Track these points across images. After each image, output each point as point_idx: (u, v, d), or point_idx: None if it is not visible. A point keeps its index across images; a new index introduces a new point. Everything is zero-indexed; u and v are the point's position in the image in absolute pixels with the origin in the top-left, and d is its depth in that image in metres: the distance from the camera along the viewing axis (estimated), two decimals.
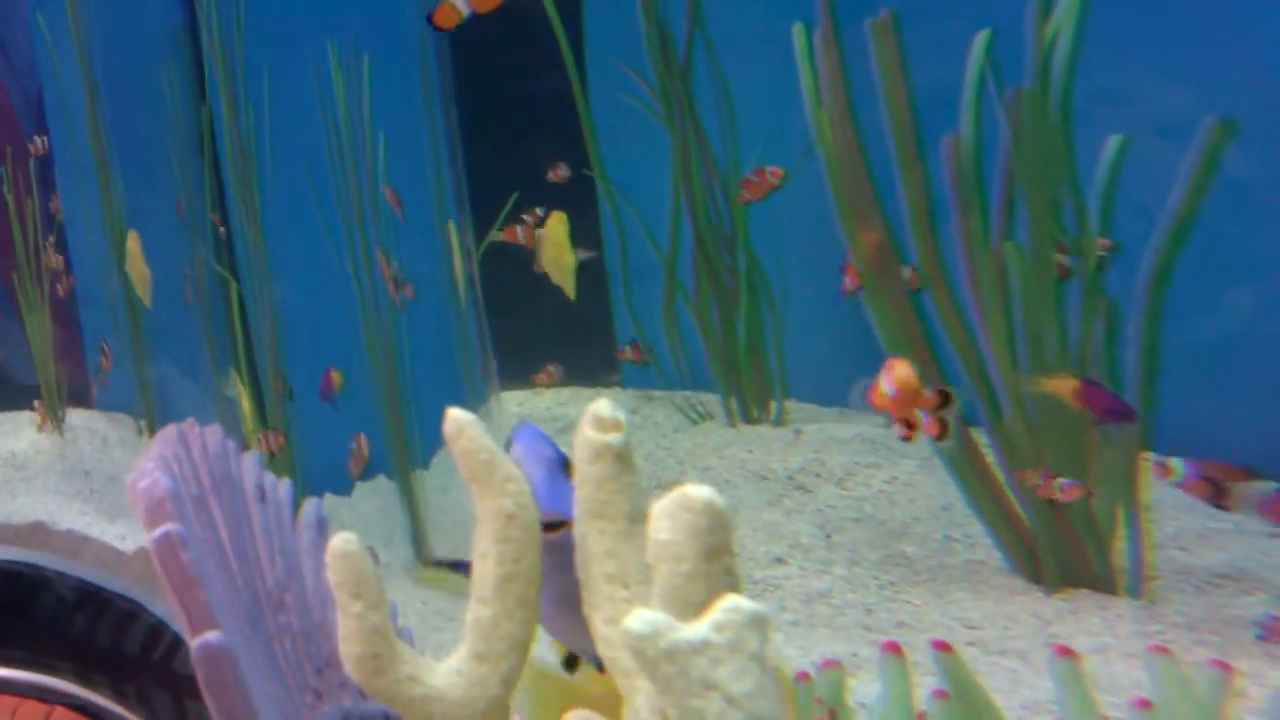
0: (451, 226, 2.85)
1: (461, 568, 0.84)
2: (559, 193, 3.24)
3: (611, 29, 3.33)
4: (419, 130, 2.78)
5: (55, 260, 3.42)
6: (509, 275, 3.31)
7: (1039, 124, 2.04)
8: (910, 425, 1.79)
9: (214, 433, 1.10)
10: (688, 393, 3.34)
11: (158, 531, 0.71)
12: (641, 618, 0.57)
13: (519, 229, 3.01)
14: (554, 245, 2.81)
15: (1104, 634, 2.11)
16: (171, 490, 0.76)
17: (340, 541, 0.67)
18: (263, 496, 1.16)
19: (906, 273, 2.23)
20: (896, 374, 1.86)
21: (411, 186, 2.75)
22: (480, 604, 0.71)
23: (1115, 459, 2.22)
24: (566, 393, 3.59)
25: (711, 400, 3.30)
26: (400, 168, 2.71)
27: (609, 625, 0.69)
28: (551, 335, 3.41)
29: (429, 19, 2.21)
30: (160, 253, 3.06)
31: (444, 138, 2.83)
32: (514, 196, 3.22)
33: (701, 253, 3.21)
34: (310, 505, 1.22)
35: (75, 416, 3.75)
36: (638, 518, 0.71)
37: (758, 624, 0.59)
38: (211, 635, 0.70)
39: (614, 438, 0.71)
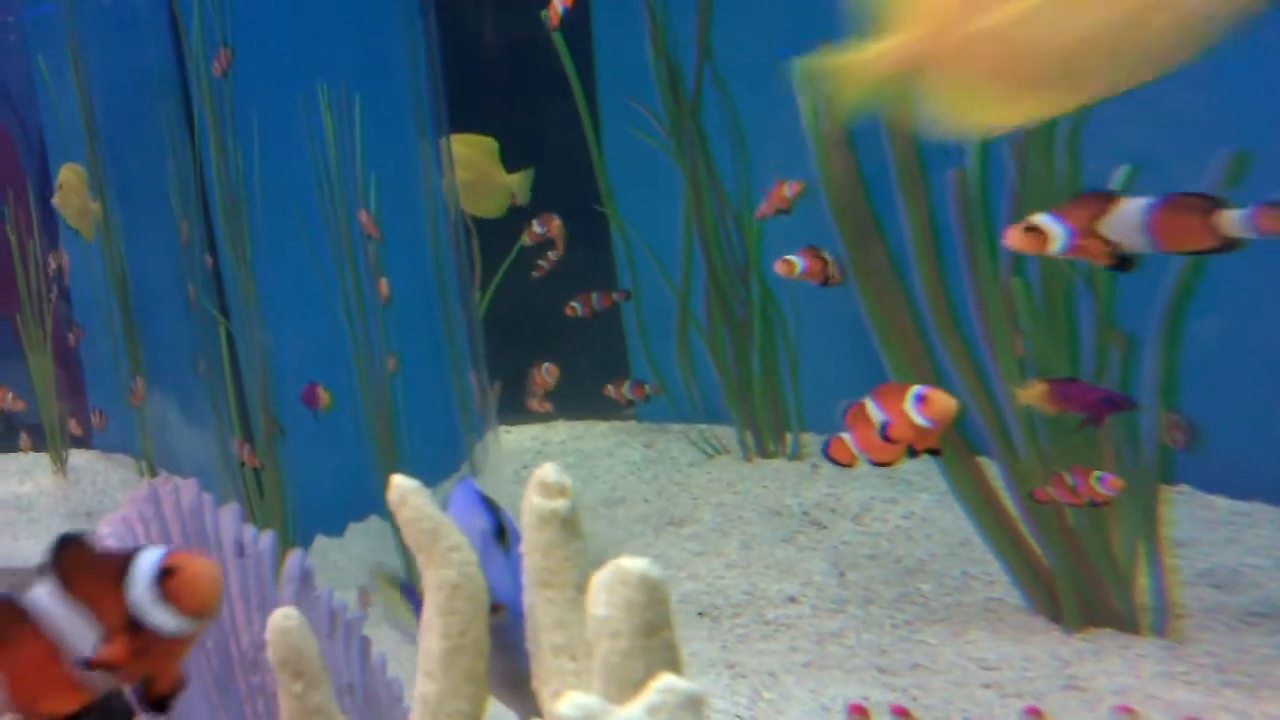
0: (444, 259, 2.85)
1: (409, 594, 0.83)
2: (570, 227, 3.25)
3: (621, 65, 3.34)
4: (412, 170, 2.79)
5: (58, 304, 3.46)
6: (523, 311, 3.32)
7: (1045, 155, 2.02)
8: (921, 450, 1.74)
9: (188, 487, 1.10)
10: (703, 426, 3.32)
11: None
12: (573, 701, 0.55)
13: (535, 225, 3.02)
14: (472, 168, 2.79)
15: (1125, 675, 2.05)
16: None
17: (280, 618, 0.65)
18: (241, 552, 1.15)
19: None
20: (935, 403, 1.75)
21: (404, 226, 2.76)
22: (427, 679, 0.69)
23: (1134, 492, 2.17)
24: (581, 426, 3.58)
25: (727, 434, 3.28)
26: (392, 208, 2.72)
27: (555, 700, 0.67)
28: (566, 369, 3.40)
29: None
30: (159, 292, 3.08)
31: (438, 175, 2.83)
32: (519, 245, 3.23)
33: (714, 284, 3.20)
34: (294, 557, 1.21)
35: (77, 457, 3.79)
36: (586, 586, 0.69)
37: (692, 704, 0.57)
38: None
39: (560, 504, 0.69)
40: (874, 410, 1.69)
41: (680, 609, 2.43)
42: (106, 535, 0.78)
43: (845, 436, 1.78)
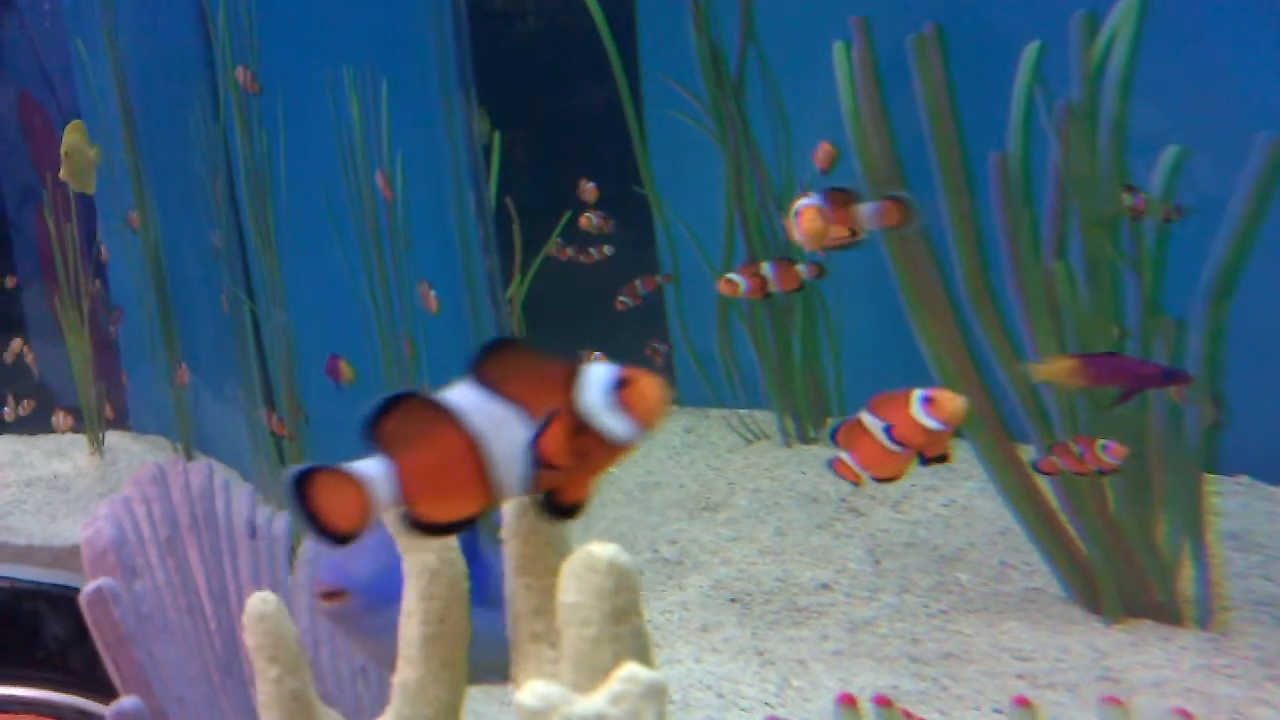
0: (472, 243, 2.85)
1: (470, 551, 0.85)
2: (611, 210, 3.24)
3: (664, 45, 3.31)
4: (439, 155, 2.79)
5: (95, 286, 3.51)
6: (563, 293, 3.32)
7: (1089, 139, 1.97)
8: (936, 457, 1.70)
9: (198, 470, 1.11)
10: (744, 411, 3.30)
11: (89, 587, 0.70)
12: (533, 690, 0.55)
13: (569, 248, 3.01)
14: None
15: (1164, 667, 2.01)
16: (115, 540, 0.75)
17: (257, 602, 0.65)
18: (254, 533, 1.16)
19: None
20: (944, 404, 1.73)
21: (432, 213, 2.77)
22: (407, 665, 0.69)
23: (1179, 481, 2.12)
24: None
25: (767, 419, 3.25)
26: (420, 194, 2.73)
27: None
28: (607, 352, 3.40)
29: None
30: (193, 275, 3.12)
31: (467, 161, 2.84)
32: (565, 216, 3.23)
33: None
34: (309, 543, 1.21)
35: (112, 438, 3.85)
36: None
37: (654, 694, 0.56)
38: (126, 702, 0.69)
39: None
40: (872, 422, 1.65)
41: (712, 595, 2.43)
42: (104, 516, 0.79)
43: (844, 456, 1.75)
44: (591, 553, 0.60)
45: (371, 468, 0.72)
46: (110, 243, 3.52)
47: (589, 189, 3.16)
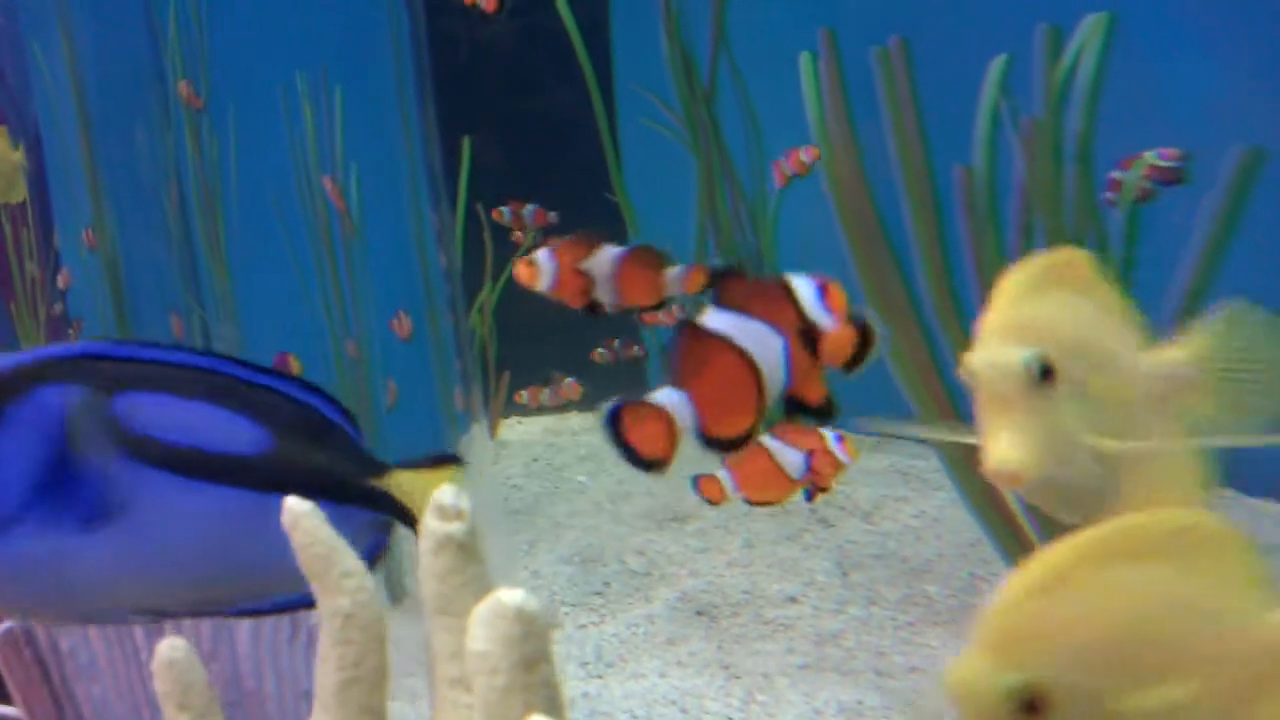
0: (430, 252, 2.83)
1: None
2: (583, 217, 3.23)
3: (640, 54, 3.30)
4: (396, 163, 2.78)
5: (62, 278, 3.44)
6: (532, 302, 3.30)
7: (1054, 154, 1.96)
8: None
9: None
10: None
11: (1, 627, 0.69)
12: None
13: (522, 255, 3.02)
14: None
15: None
16: None
17: (166, 649, 0.64)
18: None
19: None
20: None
21: (389, 222, 2.75)
22: (322, 711, 0.68)
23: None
24: (594, 418, 3.56)
25: None
26: (376, 199, 2.71)
27: None
28: (580, 360, 3.39)
29: None
30: (148, 285, 3.09)
31: (424, 170, 2.82)
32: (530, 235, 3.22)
33: None
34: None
35: None
36: None
37: None
38: None
39: (456, 528, 0.67)
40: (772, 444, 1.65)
41: (679, 607, 2.41)
42: None
43: (722, 473, 1.73)
44: (499, 599, 0.59)
45: (670, 396, 0.81)
46: (66, 251, 3.48)
47: (531, 213, 3.15)
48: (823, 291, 0.95)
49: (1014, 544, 2.24)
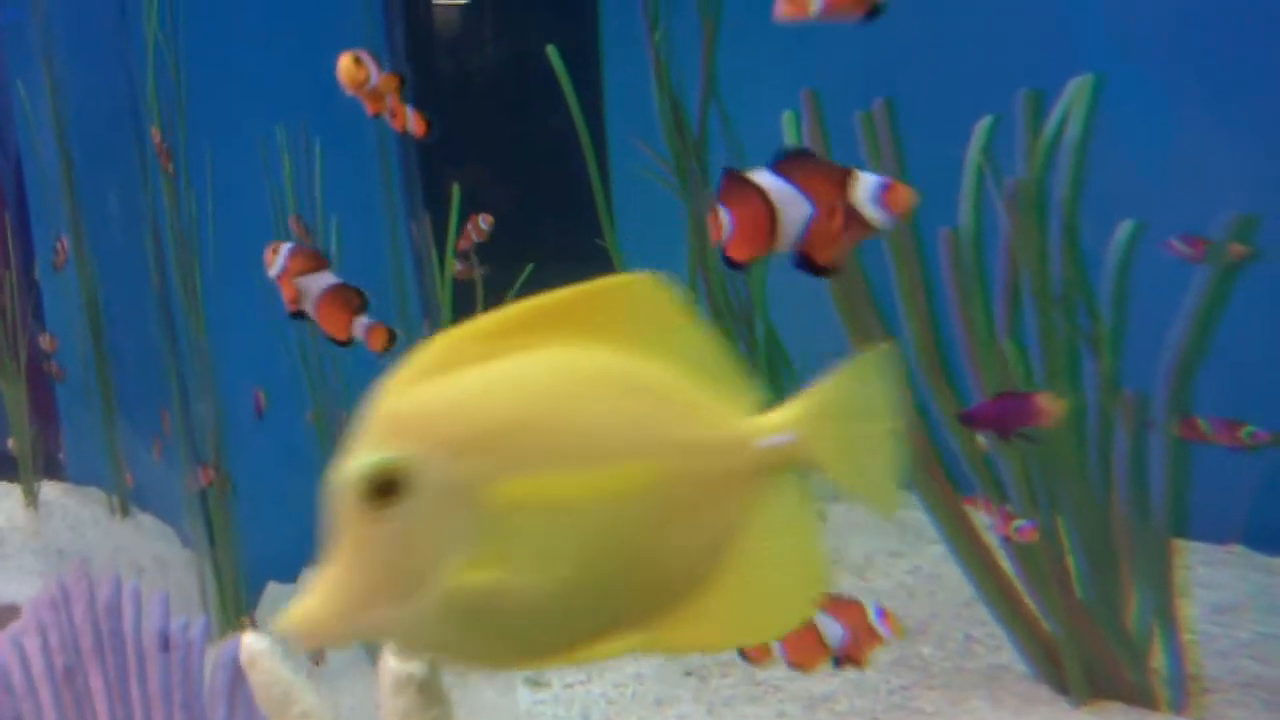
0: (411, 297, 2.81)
1: None
2: (574, 265, 3.20)
3: (631, 102, 3.29)
4: (375, 214, 2.76)
5: (47, 341, 3.42)
6: None
7: (1039, 217, 1.94)
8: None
9: (106, 584, 1.08)
10: None
11: None
12: None
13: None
14: None
15: None
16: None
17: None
18: (166, 645, 1.13)
19: None
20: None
21: (368, 268, 2.73)
22: None
23: (1147, 551, 2.07)
24: None
25: None
26: (356, 251, 2.69)
27: None
28: None
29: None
30: (129, 325, 3.07)
31: (404, 218, 2.80)
32: (528, 268, 3.20)
33: (718, 324, 3.14)
34: (228, 645, 1.18)
35: (48, 490, 3.75)
36: None
37: None
38: None
39: (417, 668, 0.65)
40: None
41: (668, 666, 2.38)
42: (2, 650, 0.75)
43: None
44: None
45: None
46: (46, 287, 3.46)
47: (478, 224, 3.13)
48: (886, 188, 1.13)
49: (1005, 605, 2.21)
